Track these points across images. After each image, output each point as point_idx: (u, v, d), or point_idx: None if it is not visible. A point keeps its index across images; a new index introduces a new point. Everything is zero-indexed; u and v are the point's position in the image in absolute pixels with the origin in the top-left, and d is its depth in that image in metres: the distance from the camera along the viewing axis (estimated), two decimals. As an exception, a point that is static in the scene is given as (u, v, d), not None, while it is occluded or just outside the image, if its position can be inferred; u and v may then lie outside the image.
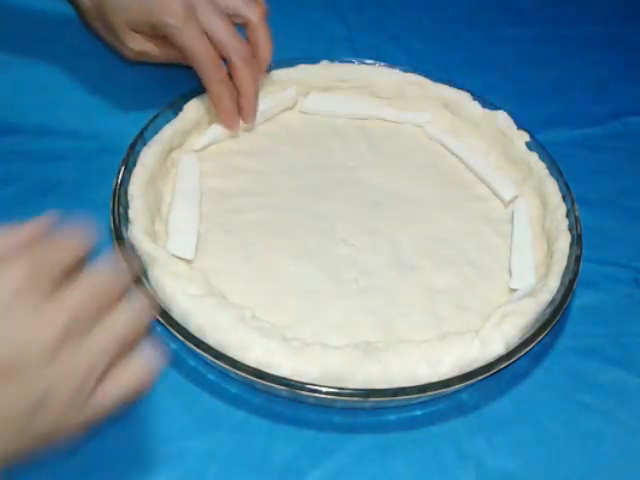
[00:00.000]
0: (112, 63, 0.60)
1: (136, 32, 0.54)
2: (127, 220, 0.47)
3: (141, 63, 0.57)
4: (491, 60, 0.74)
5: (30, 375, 0.26)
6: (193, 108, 0.55)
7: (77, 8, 0.55)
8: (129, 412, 0.41)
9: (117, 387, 0.30)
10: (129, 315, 0.30)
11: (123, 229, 0.46)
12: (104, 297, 0.29)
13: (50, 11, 0.63)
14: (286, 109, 0.62)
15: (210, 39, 0.52)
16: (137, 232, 0.46)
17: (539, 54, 0.76)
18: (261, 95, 0.60)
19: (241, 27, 0.56)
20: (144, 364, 0.31)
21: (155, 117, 0.53)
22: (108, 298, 0.29)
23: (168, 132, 0.53)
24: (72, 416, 0.29)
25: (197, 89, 0.56)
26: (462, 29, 0.78)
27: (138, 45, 0.54)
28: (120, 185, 0.49)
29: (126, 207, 0.48)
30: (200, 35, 0.51)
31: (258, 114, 0.58)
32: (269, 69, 0.59)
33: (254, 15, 0.55)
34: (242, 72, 0.53)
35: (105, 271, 0.30)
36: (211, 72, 0.52)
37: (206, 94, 0.55)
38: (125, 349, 0.30)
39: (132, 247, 0.46)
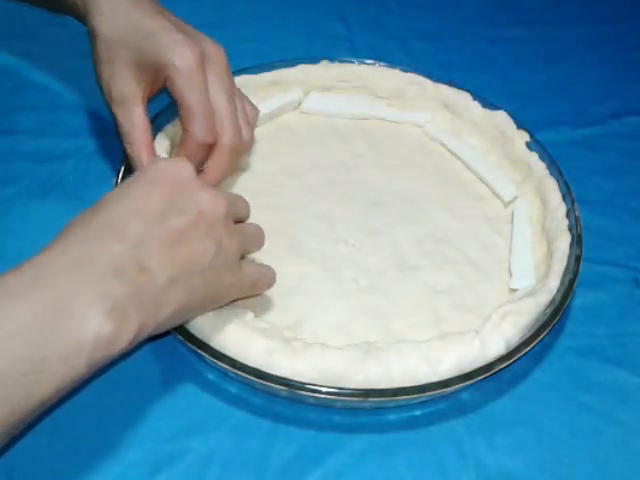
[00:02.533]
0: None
1: (136, 76, 0.47)
2: None
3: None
4: (491, 60, 0.74)
5: (209, 234, 0.37)
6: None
7: (94, 35, 0.48)
8: (129, 412, 0.41)
9: (256, 269, 0.44)
10: (254, 227, 0.44)
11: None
12: (242, 210, 0.43)
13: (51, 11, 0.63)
14: (291, 109, 0.62)
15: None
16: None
17: (539, 54, 0.76)
18: (265, 96, 0.60)
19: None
20: (271, 269, 0.45)
21: (155, 117, 0.53)
22: (243, 213, 0.43)
23: (169, 132, 0.53)
24: (232, 278, 0.40)
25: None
26: (462, 29, 0.78)
27: (118, 90, 0.47)
28: (120, 185, 0.49)
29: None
30: (204, 89, 0.46)
31: (264, 116, 0.57)
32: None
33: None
34: (221, 157, 0.48)
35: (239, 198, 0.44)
36: (201, 132, 0.47)
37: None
38: (251, 246, 0.44)
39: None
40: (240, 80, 0.59)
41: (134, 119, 0.47)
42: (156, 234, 0.35)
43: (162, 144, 0.52)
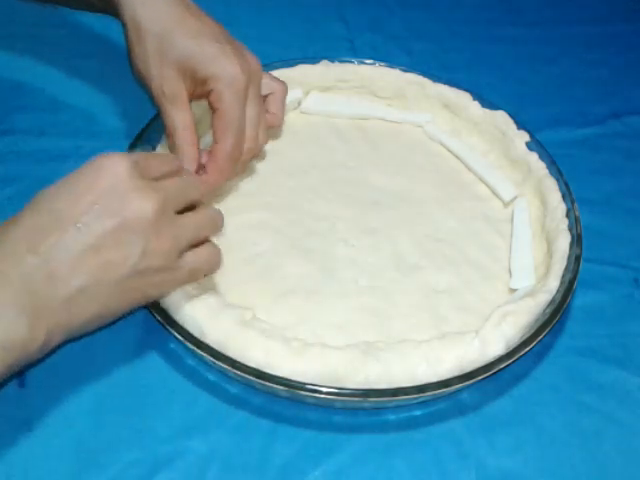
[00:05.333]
0: (112, 63, 0.60)
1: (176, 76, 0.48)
2: None
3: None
4: (491, 60, 0.74)
5: (132, 240, 0.37)
6: (193, 107, 0.55)
7: (138, 29, 0.47)
8: (128, 412, 0.41)
9: (196, 259, 0.41)
10: (207, 213, 0.43)
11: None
12: (190, 195, 0.41)
13: (51, 11, 0.63)
14: (291, 109, 0.62)
15: None
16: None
17: (539, 54, 0.76)
18: None
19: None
20: (215, 250, 0.43)
21: (155, 117, 0.53)
22: (192, 197, 0.41)
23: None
24: (164, 276, 0.39)
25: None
26: (462, 29, 0.78)
27: (170, 87, 0.48)
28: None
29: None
30: (245, 108, 0.48)
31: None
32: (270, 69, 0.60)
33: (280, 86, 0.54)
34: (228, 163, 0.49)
35: (191, 181, 0.42)
36: (233, 147, 0.48)
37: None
38: (201, 235, 0.42)
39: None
40: (240, 80, 0.59)
41: (186, 117, 0.48)
42: (70, 244, 0.36)
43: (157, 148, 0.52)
